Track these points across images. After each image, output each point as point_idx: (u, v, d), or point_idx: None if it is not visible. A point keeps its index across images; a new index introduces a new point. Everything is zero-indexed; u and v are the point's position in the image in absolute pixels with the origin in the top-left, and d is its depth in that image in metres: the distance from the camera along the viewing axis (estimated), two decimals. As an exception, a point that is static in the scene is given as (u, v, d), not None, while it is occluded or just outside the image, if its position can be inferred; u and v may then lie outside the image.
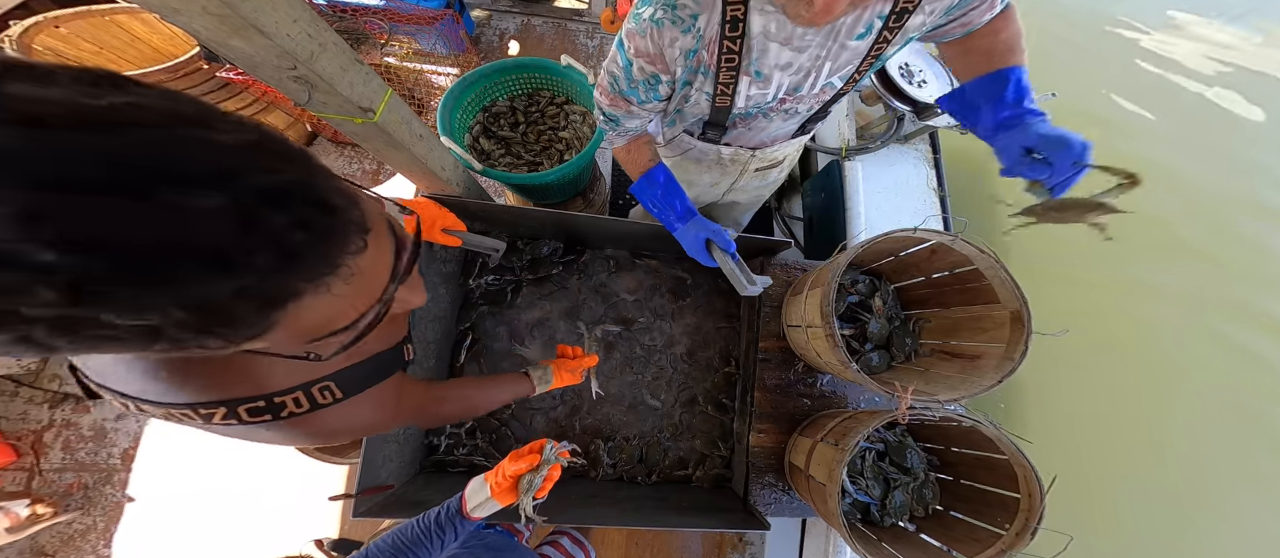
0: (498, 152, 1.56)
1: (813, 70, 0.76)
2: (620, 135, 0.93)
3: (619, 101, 0.85)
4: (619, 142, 0.95)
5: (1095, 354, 2.19)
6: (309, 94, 0.71)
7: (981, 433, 0.92)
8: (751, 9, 0.66)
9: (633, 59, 0.76)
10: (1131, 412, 2.12)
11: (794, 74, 0.76)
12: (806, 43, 0.70)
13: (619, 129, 0.91)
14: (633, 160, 0.95)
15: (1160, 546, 1.97)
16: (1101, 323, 2.26)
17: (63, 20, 1.69)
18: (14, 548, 1.62)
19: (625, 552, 1.78)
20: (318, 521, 1.69)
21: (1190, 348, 2.21)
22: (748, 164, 1.08)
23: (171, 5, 0.52)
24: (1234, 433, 2.07)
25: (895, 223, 1.41)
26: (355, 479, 0.95)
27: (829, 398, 1.23)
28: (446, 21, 2.02)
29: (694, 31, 0.69)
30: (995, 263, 0.90)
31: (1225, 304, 2.26)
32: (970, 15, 0.71)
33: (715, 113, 0.87)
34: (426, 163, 1.02)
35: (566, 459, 0.75)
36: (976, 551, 0.87)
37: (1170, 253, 2.36)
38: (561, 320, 1.32)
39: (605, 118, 0.90)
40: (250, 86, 1.86)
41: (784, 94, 0.81)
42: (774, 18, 0.67)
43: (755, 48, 0.71)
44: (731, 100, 0.82)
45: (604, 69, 0.84)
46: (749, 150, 1.03)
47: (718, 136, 0.98)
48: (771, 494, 1.15)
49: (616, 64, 0.79)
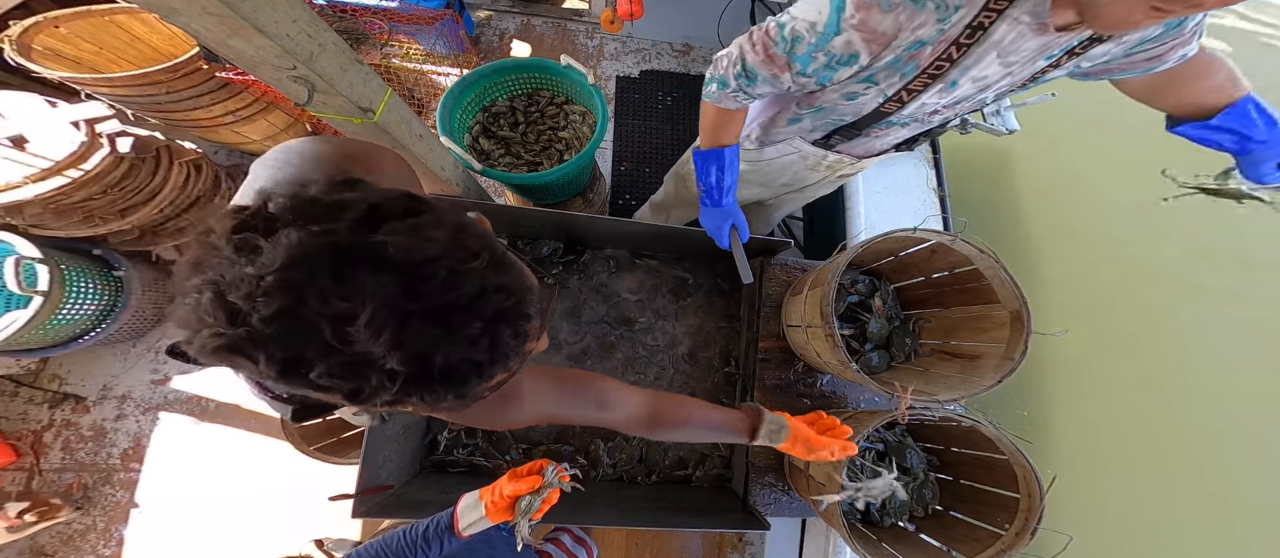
0: (497, 151, 1.56)
1: (991, 87, 0.72)
2: (733, 97, 0.82)
3: (776, 62, 0.73)
4: (727, 102, 0.84)
5: (1117, 355, 2.19)
6: (309, 94, 0.71)
7: (981, 433, 0.92)
8: (1006, 16, 0.60)
9: (847, 30, 0.64)
10: (1151, 410, 2.12)
11: (979, 88, 0.72)
12: (1016, 59, 0.66)
13: (743, 91, 0.80)
14: (719, 127, 0.88)
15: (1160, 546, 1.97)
16: (1119, 322, 2.26)
17: (62, 20, 1.69)
18: (14, 548, 1.62)
19: (625, 552, 1.78)
20: (318, 521, 1.69)
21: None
22: (837, 170, 1.06)
23: (171, 5, 0.52)
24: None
25: (895, 223, 1.40)
26: (356, 479, 0.95)
27: (829, 398, 1.23)
28: (446, 21, 2.01)
29: (944, 23, 0.61)
30: (995, 263, 0.90)
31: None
32: (1162, 51, 0.70)
33: (868, 118, 0.81)
34: (426, 163, 1.02)
35: (567, 483, 0.72)
36: (976, 550, 0.87)
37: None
38: (564, 321, 1.32)
39: (739, 73, 0.78)
40: (250, 86, 1.86)
41: (947, 106, 0.77)
42: (1017, 27, 0.61)
43: (974, 56, 0.65)
44: (901, 107, 0.76)
45: (777, 23, 0.72)
46: (853, 159, 1.00)
47: (837, 143, 0.94)
48: (771, 494, 1.15)
49: (813, 25, 0.67)
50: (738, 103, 0.84)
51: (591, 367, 1.29)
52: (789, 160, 1.06)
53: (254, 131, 2.01)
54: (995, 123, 1.48)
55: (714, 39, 2.61)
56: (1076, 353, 2.17)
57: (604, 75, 2.54)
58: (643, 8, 1.93)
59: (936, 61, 0.66)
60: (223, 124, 1.90)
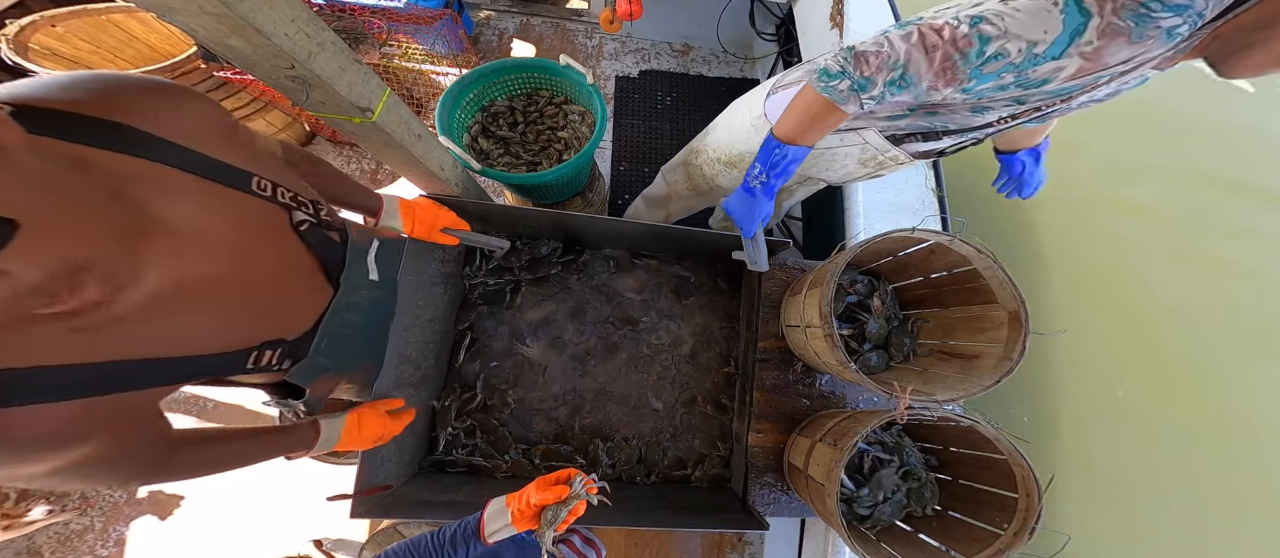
0: (496, 151, 1.56)
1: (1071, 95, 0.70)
2: (857, 98, 0.72)
3: (954, 75, 0.64)
4: (851, 105, 0.74)
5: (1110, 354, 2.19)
6: (307, 93, 0.71)
7: (979, 433, 0.92)
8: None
9: (1072, 54, 0.57)
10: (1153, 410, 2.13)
11: (1071, 107, 0.71)
12: (1116, 85, 0.65)
13: (882, 99, 0.72)
14: (819, 123, 0.79)
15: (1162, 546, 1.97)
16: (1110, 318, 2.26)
17: (59, 19, 1.69)
18: (11, 548, 1.62)
19: (625, 552, 1.78)
20: (317, 521, 1.69)
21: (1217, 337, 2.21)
22: (886, 166, 1.04)
23: (168, 4, 0.52)
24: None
25: (894, 223, 1.41)
26: (354, 479, 0.94)
27: (828, 398, 1.23)
28: (446, 21, 2.01)
29: (1157, 56, 0.58)
30: (993, 263, 0.90)
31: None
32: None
33: (975, 129, 0.80)
34: (425, 162, 1.01)
35: (593, 495, 0.70)
36: (975, 550, 0.87)
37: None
38: (567, 321, 1.32)
39: (894, 78, 0.69)
40: (248, 86, 1.86)
41: (1080, 103, 0.74)
42: (1157, 55, 0.59)
43: (1108, 81, 0.63)
44: (1014, 120, 0.74)
45: (975, 34, 0.60)
46: (910, 156, 0.98)
47: (912, 144, 0.92)
48: (770, 494, 1.15)
49: (1028, 40, 0.57)
50: (862, 108, 0.74)
51: (594, 367, 1.29)
52: (848, 151, 0.99)
53: (252, 131, 2.00)
54: (994, 123, 1.48)
55: (713, 39, 2.61)
56: (1076, 353, 2.17)
57: (603, 75, 2.53)
58: (642, 8, 1.93)
59: (1089, 86, 0.63)
60: (221, 123, 1.89)
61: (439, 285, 1.19)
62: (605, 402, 1.28)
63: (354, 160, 2.26)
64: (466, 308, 1.30)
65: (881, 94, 0.71)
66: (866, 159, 1.02)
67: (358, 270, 0.80)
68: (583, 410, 1.27)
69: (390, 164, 1.03)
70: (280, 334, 0.65)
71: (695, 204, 1.64)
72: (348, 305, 0.77)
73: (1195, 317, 2.26)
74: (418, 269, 1.08)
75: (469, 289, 1.31)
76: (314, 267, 0.69)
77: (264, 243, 0.59)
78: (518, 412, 1.25)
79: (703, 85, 2.58)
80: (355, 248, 0.79)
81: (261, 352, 0.61)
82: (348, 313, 0.78)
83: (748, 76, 2.66)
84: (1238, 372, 2.15)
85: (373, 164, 2.25)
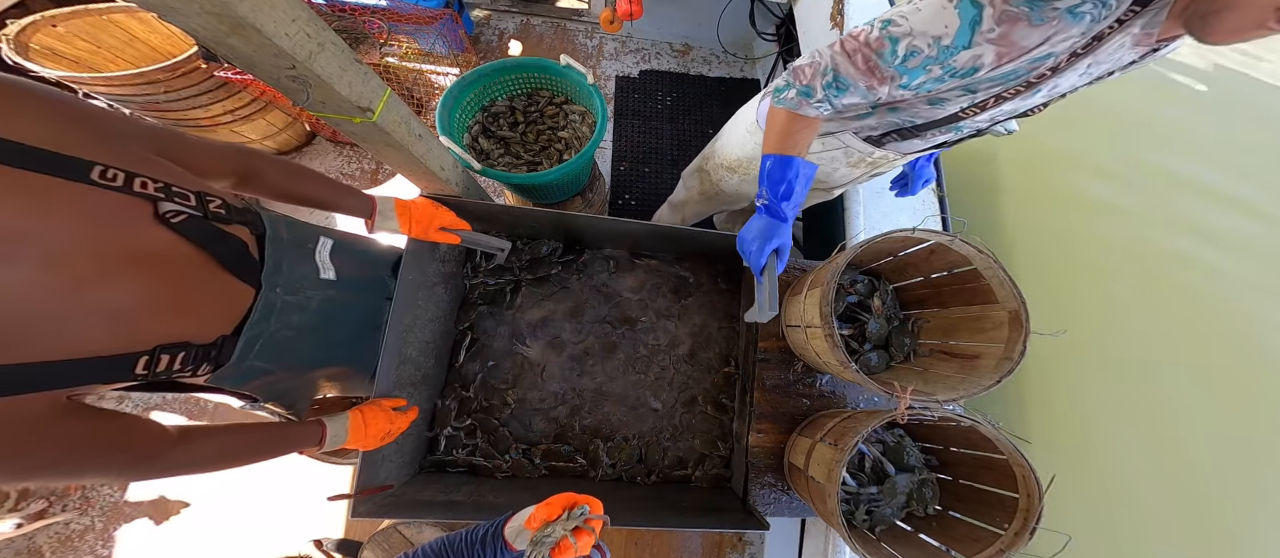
0: (497, 151, 1.56)
1: (1052, 91, 0.70)
2: (811, 105, 0.78)
3: (879, 74, 0.68)
4: (808, 110, 0.80)
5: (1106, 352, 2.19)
6: (307, 93, 0.71)
7: (980, 433, 0.92)
8: (1127, 26, 0.58)
9: (980, 45, 0.59)
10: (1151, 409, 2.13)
11: (1048, 98, 0.70)
12: (1095, 73, 0.65)
13: (827, 101, 0.76)
14: (793, 132, 0.83)
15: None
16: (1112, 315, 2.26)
17: (60, 19, 1.69)
18: (12, 548, 1.62)
19: (625, 552, 1.78)
20: (317, 521, 1.69)
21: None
22: (877, 166, 1.03)
23: (169, 4, 0.52)
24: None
25: (894, 223, 1.41)
26: (354, 479, 0.94)
27: (828, 398, 1.23)
28: (446, 21, 2.01)
29: (1078, 35, 0.58)
30: (994, 263, 0.90)
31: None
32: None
33: (943, 121, 0.79)
34: (425, 162, 1.01)
35: (590, 528, 0.66)
36: (975, 550, 0.87)
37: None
38: (566, 320, 1.32)
39: (829, 82, 0.74)
40: (248, 86, 1.86)
41: (1006, 113, 0.75)
42: (1125, 39, 0.59)
43: (1071, 66, 0.62)
44: (981, 112, 0.73)
45: (885, 35, 0.66)
46: (897, 156, 0.98)
47: (890, 142, 0.91)
48: (771, 494, 1.15)
49: (935, 39, 0.61)
50: (819, 112, 0.80)
51: (593, 367, 1.29)
52: (833, 155, 1.01)
53: (252, 131, 2.00)
54: (994, 123, 1.48)
55: (713, 39, 2.61)
56: (1076, 353, 2.17)
57: (603, 75, 2.54)
58: (642, 8, 1.93)
59: (1042, 71, 0.63)
60: (221, 123, 1.90)
61: (439, 285, 1.19)
62: (604, 402, 1.28)
63: (354, 160, 2.26)
64: (467, 308, 1.30)
65: (825, 97, 0.77)
66: (855, 161, 1.02)
67: (298, 270, 0.78)
68: (582, 410, 1.27)
69: (390, 164, 1.03)
70: (182, 337, 0.60)
71: (706, 209, 1.65)
72: (284, 306, 0.74)
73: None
74: (418, 269, 1.08)
75: (469, 289, 1.31)
76: (207, 263, 0.63)
77: (112, 237, 0.52)
78: (518, 412, 1.25)
79: (703, 85, 2.59)
80: (283, 244, 0.75)
81: (155, 356, 0.57)
82: (288, 315, 0.75)
83: (748, 76, 2.66)
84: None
85: (373, 164, 2.25)
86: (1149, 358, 2.18)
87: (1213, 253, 2.31)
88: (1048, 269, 2.35)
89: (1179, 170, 2.47)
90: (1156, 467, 1.98)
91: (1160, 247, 2.38)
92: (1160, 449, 2.00)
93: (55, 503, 1.66)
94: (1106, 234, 2.40)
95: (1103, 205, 2.47)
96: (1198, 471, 1.91)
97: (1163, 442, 2.01)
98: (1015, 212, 2.48)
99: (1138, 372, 2.16)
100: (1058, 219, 2.50)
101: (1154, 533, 1.84)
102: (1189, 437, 1.95)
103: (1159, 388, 2.12)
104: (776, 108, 0.84)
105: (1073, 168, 2.54)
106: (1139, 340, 2.22)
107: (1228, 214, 2.37)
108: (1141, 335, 2.23)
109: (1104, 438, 2.06)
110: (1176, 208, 2.42)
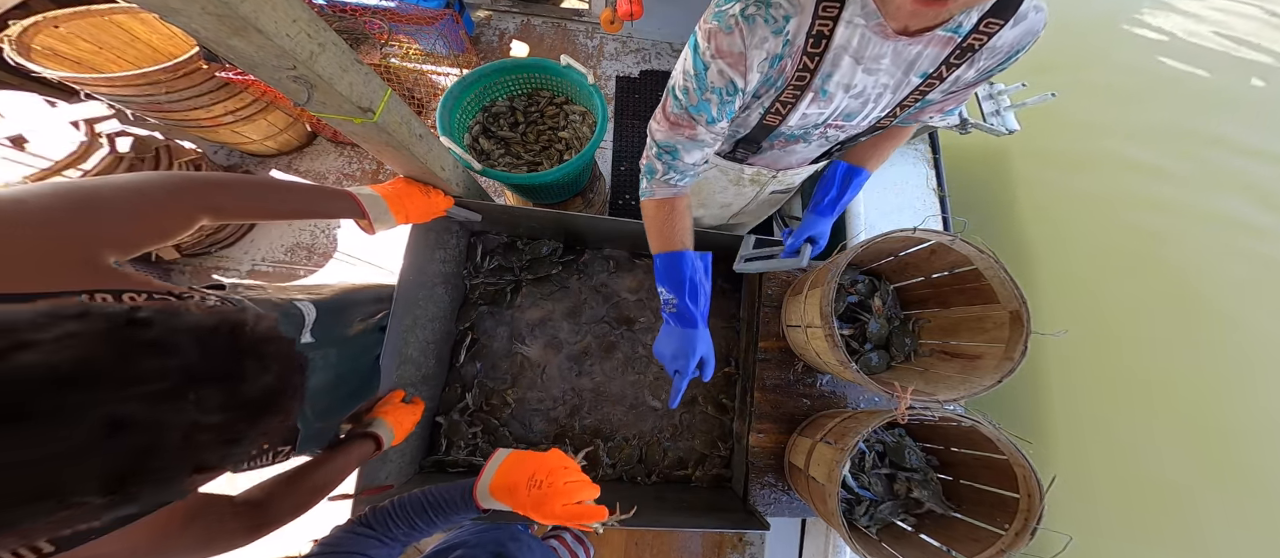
0: (497, 151, 1.56)
1: (872, 99, 0.73)
2: (666, 183, 0.81)
3: (684, 123, 0.74)
4: (660, 192, 0.82)
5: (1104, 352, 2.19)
6: (308, 94, 0.71)
7: (981, 433, 0.92)
8: (840, 21, 0.61)
9: (711, 61, 0.66)
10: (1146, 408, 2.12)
11: (855, 98, 0.73)
12: (878, 67, 0.67)
13: (672, 169, 0.79)
14: (666, 225, 0.82)
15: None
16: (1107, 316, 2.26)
17: (62, 20, 1.69)
18: (13, 548, 1.62)
19: (624, 552, 1.78)
20: (317, 521, 1.69)
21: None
22: (766, 185, 1.06)
23: (171, 5, 0.52)
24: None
25: (895, 223, 1.41)
26: (355, 479, 0.94)
27: (828, 398, 1.23)
28: (446, 21, 2.01)
29: (783, 35, 0.62)
30: (994, 263, 0.90)
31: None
32: (951, 101, 0.76)
33: (757, 130, 0.81)
34: (426, 163, 1.01)
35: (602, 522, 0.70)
36: (976, 551, 0.87)
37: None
38: (565, 320, 1.32)
39: (659, 153, 0.78)
40: (249, 86, 1.86)
41: (837, 118, 0.77)
42: (859, 32, 0.62)
43: (829, 63, 0.66)
44: (783, 118, 0.76)
45: (668, 89, 0.75)
46: (772, 172, 1.00)
47: (746, 155, 0.93)
48: (771, 494, 1.15)
49: (688, 72, 0.70)
50: (673, 187, 0.82)
51: (592, 366, 1.29)
52: (711, 176, 1.07)
53: (253, 131, 2.01)
54: (995, 123, 1.48)
55: (714, 39, 2.61)
56: (1076, 353, 2.17)
57: (604, 75, 2.54)
58: (642, 8, 1.93)
59: (798, 72, 0.67)
60: (222, 124, 1.90)
61: (439, 285, 1.19)
62: (603, 401, 1.28)
63: (355, 161, 2.26)
64: (467, 308, 1.30)
65: (668, 169, 0.80)
66: (735, 179, 1.06)
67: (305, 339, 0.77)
68: (582, 410, 1.27)
69: (391, 164, 1.03)
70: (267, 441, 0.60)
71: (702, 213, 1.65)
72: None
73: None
74: (418, 269, 1.08)
75: (469, 289, 1.31)
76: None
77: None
78: (518, 412, 1.25)
79: (703, 85, 2.58)
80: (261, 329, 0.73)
81: (258, 450, 0.60)
82: (311, 381, 0.76)
83: (748, 77, 2.66)
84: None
85: (373, 164, 2.25)
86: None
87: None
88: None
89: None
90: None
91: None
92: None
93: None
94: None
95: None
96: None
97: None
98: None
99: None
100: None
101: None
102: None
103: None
104: (645, 203, 0.85)
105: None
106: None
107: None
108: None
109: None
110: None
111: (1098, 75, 2.81)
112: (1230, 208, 2.46)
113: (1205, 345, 2.22)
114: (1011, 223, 2.48)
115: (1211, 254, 2.35)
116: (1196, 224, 2.41)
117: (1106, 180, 2.52)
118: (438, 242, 1.17)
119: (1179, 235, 2.38)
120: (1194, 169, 2.52)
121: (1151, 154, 2.56)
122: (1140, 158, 2.55)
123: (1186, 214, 2.42)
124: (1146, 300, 2.30)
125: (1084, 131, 2.62)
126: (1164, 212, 2.42)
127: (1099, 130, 2.63)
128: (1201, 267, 2.32)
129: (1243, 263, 2.33)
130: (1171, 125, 2.63)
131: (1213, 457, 2.05)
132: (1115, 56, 2.94)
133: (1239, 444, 2.06)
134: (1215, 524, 1.96)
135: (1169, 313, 2.26)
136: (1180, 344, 2.22)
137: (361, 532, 0.63)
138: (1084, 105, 2.68)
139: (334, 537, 0.63)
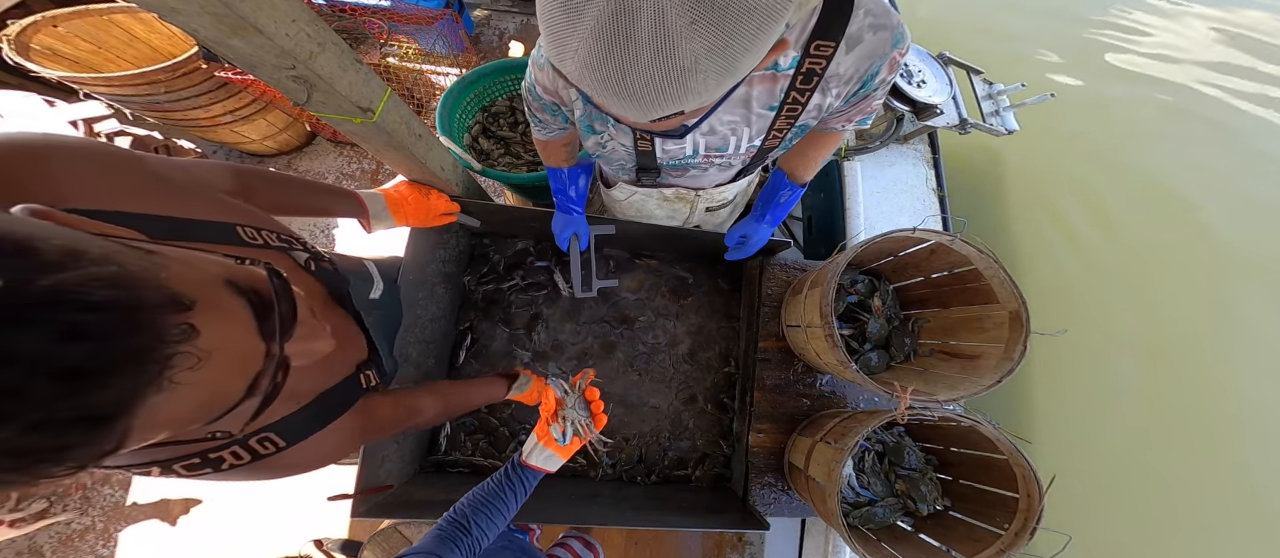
0: (497, 151, 1.56)
1: (729, 134, 0.73)
2: (541, 131, 0.93)
3: (532, 109, 0.85)
4: (539, 134, 0.95)
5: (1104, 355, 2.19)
6: (308, 93, 0.71)
7: (980, 433, 0.92)
8: None
9: (536, 84, 0.74)
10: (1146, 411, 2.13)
11: (709, 135, 0.74)
12: (734, 101, 0.66)
13: (538, 128, 0.91)
14: (545, 153, 0.99)
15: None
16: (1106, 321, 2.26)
17: (61, 19, 1.69)
18: (12, 548, 1.62)
19: (624, 552, 1.78)
20: (317, 521, 1.69)
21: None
22: (696, 203, 1.09)
23: (170, 5, 0.52)
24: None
25: (894, 223, 1.41)
26: (355, 479, 0.94)
27: (828, 398, 1.23)
28: (446, 21, 2.01)
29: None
30: (994, 263, 0.90)
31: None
32: (866, 106, 0.69)
33: (641, 158, 0.84)
34: (426, 163, 1.01)
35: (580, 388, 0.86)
36: (975, 550, 0.87)
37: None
38: (564, 321, 1.32)
39: (529, 112, 0.91)
40: (249, 86, 1.86)
41: (705, 152, 0.78)
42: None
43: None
44: (652, 148, 0.79)
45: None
46: (693, 191, 1.03)
47: (654, 180, 0.94)
48: (771, 494, 1.15)
49: (527, 80, 0.78)
50: (547, 134, 0.92)
51: (592, 366, 1.29)
52: (637, 199, 1.11)
53: (253, 131, 2.01)
54: (995, 123, 1.48)
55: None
56: (1077, 352, 2.17)
57: (603, 75, 2.53)
58: (642, 7, 1.92)
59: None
60: (221, 123, 1.90)
61: (439, 285, 1.19)
62: (603, 401, 1.27)
63: (355, 161, 2.26)
64: (467, 307, 1.30)
65: (534, 124, 0.90)
66: (664, 198, 1.09)
67: (361, 291, 0.81)
68: (583, 410, 1.27)
69: (391, 164, 1.03)
70: (358, 357, 0.68)
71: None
72: (373, 322, 0.79)
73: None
74: (418, 269, 1.08)
75: (469, 289, 1.31)
76: (333, 302, 0.67)
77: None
78: (518, 412, 1.25)
79: (703, 85, 2.58)
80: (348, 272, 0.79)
81: (364, 374, 0.66)
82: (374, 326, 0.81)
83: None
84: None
85: (373, 164, 2.25)
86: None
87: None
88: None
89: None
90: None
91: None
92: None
93: (56, 503, 1.67)
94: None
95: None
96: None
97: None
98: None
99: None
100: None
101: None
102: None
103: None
104: (534, 136, 0.98)
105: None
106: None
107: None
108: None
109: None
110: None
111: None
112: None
113: (1205, 345, 2.22)
114: (1012, 222, 2.48)
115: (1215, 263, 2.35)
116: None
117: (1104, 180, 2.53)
118: (438, 241, 1.17)
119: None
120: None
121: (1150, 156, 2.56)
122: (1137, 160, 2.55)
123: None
124: (1147, 301, 2.30)
125: (1082, 136, 2.62)
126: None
127: (1098, 133, 2.63)
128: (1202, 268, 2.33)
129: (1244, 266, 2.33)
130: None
131: (1213, 457, 2.05)
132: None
133: (1239, 444, 2.06)
134: (1215, 525, 1.96)
135: (1169, 316, 2.27)
136: (1180, 342, 2.23)
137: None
138: (1084, 106, 2.69)
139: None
